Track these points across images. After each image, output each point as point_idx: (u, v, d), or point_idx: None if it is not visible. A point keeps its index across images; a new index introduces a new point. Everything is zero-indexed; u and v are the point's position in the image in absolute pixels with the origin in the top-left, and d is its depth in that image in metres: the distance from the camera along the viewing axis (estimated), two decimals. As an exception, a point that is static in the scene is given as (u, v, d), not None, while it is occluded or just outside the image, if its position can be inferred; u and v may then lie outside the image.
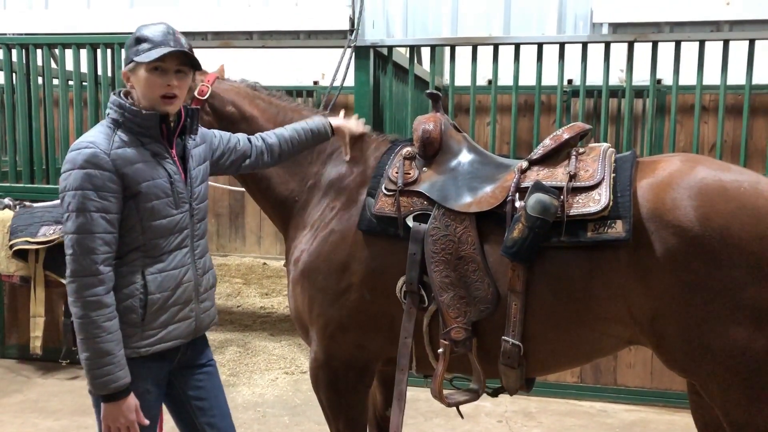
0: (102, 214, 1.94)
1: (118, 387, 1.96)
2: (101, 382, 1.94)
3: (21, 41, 4.98)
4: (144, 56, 1.99)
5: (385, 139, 2.71)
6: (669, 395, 4.24)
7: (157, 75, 2.02)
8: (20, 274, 4.61)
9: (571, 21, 4.38)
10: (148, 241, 2.04)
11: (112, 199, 1.95)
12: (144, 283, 2.02)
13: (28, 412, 4.15)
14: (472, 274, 2.26)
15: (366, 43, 4.44)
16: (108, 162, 1.95)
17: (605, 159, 2.25)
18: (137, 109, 2.02)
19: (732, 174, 2.13)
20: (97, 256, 1.93)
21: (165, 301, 2.07)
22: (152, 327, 2.06)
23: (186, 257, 2.13)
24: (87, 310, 1.92)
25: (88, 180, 1.92)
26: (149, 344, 2.06)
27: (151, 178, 2.02)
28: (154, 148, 2.06)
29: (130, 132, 2.03)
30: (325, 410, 2.58)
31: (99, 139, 1.98)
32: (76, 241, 1.93)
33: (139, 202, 2.00)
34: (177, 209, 2.09)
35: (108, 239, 1.95)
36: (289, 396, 4.46)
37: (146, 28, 2.06)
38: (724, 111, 4.24)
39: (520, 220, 2.16)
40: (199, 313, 2.19)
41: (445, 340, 2.28)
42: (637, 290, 2.11)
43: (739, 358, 2.02)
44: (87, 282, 1.92)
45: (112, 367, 1.94)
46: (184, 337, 2.15)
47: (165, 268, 2.07)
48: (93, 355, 1.93)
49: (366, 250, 2.40)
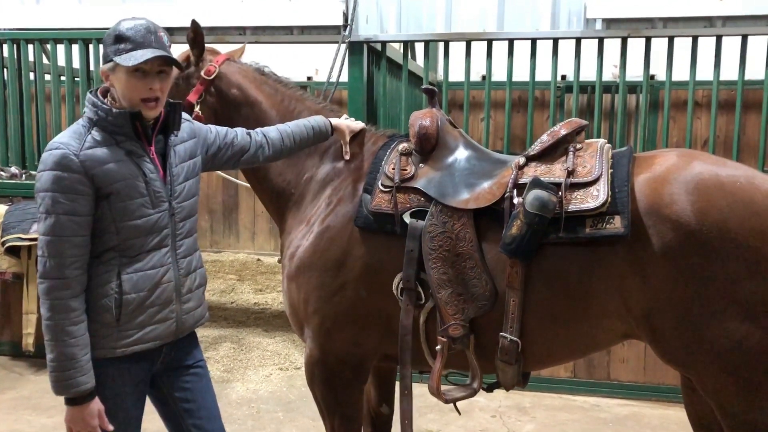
0: (70, 216, 1.90)
1: (78, 392, 1.93)
2: (62, 385, 1.93)
3: (12, 36, 4.95)
4: (124, 58, 1.92)
5: (382, 134, 2.70)
6: (662, 389, 4.26)
7: (138, 77, 1.96)
8: (12, 270, 4.60)
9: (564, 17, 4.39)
10: (123, 241, 1.99)
11: (82, 201, 1.91)
12: (119, 282, 1.99)
13: (21, 409, 4.14)
14: (469, 271, 2.25)
15: (360, 38, 4.43)
16: (77, 163, 1.90)
17: (602, 155, 2.25)
18: (108, 107, 1.97)
19: (728, 169, 2.14)
20: (64, 259, 1.90)
21: (141, 302, 2.02)
22: (129, 327, 2.02)
23: (166, 257, 2.08)
24: (53, 312, 1.90)
25: (56, 182, 1.89)
26: (125, 345, 2.02)
27: (123, 178, 1.97)
28: (128, 146, 2.00)
29: (105, 131, 1.98)
30: (321, 407, 2.57)
31: (70, 140, 1.94)
32: (46, 244, 1.91)
33: (112, 202, 1.96)
34: (154, 209, 2.03)
35: (77, 242, 1.92)
36: (283, 392, 4.46)
37: (126, 24, 1.97)
38: (717, 106, 4.25)
39: (518, 216, 2.16)
40: (180, 314, 2.14)
41: (442, 337, 2.28)
42: (634, 285, 2.11)
43: (735, 351, 2.03)
44: (54, 284, 1.90)
45: (73, 371, 1.91)
46: (164, 338, 2.10)
47: (141, 268, 2.02)
48: (56, 357, 1.91)
49: (362, 246, 2.39)
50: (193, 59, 2.72)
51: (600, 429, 3.93)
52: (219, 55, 2.75)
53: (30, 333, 4.63)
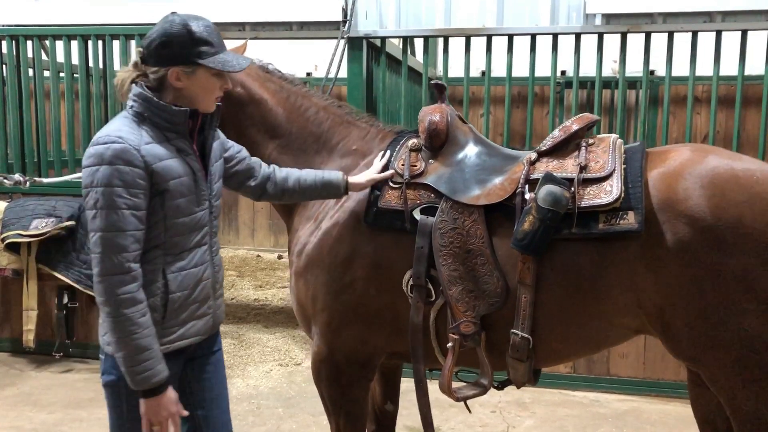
0: (132, 211, 1.89)
1: (159, 381, 1.93)
2: (142, 377, 1.91)
3: (11, 32, 4.94)
4: (213, 61, 1.94)
5: (390, 130, 2.67)
6: (661, 385, 4.26)
7: (217, 78, 2.00)
8: (12, 267, 4.59)
9: (564, 12, 4.37)
10: (170, 239, 2.00)
11: (141, 196, 1.90)
12: (165, 282, 1.99)
13: (21, 405, 4.14)
14: (480, 268, 2.24)
15: (359, 34, 4.42)
16: (138, 158, 1.89)
17: (615, 150, 2.23)
18: (165, 104, 1.96)
19: (743, 163, 2.12)
20: (128, 254, 1.89)
21: (185, 300, 2.04)
22: (172, 325, 2.03)
23: (205, 255, 2.10)
24: (121, 308, 1.88)
25: (118, 176, 1.86)
26: (169, 341, 2.03)
27: (178, 176, 1.98)
28: (178, 144, 2.01)
29: (156, 127, 1.97)
30: (326, 404, 2.55)
31: (127, 134, 1.91)
32: (106, 239, 1.87)
33: (165, 199, 1.96)
34: (198, 207, 2.05)
35: (138, 236, 1.91)
36: (283, 388, 4.47)
37: (196, 24, 1.97)
38: (717, 102, 4.25)
39: (530, 212, 2.14)
40: (215, 309, 2.17)
41: (454, 334, 2.26)
42: (648, 280, 2.10)
43: (749, 348, 2.02)
44: (119, 280, 1.88)
45: (152, 361, 1.91)
46: (203, 333, 2.13)
47: (185, 266, 2.04)
48: (131, 352, 1.89)
49: (371, 243, 2.37)
50: None
51: (599, 424, 3.94)
52: None
53: (30, 329, 4.63)
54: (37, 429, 3.83)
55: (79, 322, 4.90)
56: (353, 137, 2.64)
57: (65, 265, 4.52)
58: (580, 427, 3.89)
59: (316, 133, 2.64)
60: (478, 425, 3.91)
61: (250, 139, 2.60)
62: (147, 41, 1.99)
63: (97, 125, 4.81)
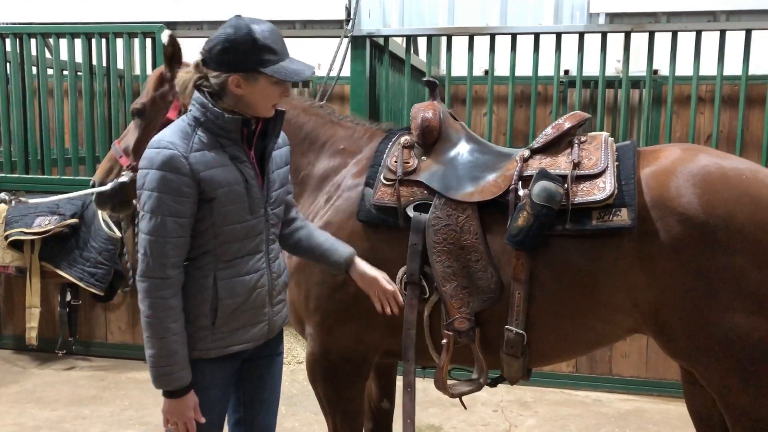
0: (175, 218, 1.89)
1: (179, 385, 1.95)
2: (164, 379, 1.95)
3: (15, 30, 4.94)
4: (275, 70, 1.91)
5: (379, 128, 2.68)
6: (664, 384, 4.26)
7: (277, 86, 1.96)
8: (15, 264, 4.61)
9: (567, 11, 4.37)
10: (220, 245, 1.98)
11: (187, 203, 1.90)
12: (215, 288, 1.98)
13: (24, 403, 4.15)
14: (474, 264, 2.24)
15: (362, 32, 4.42)
16: (185, 165, 1.88)
17: (607, 147, 2.24)
18: (219, 111, 1.93)
19: (732, 162, 2.15)
20: (166, 260, 1.90)
21: (237, 307, 2.02)
22: (223, 330, 2.02)
23: (260, 262, 2.07)
24: (154, 310, 1.90)
25: (164, 183, 1.87)
26: (219, 347, 2.02)
27: (227, 184, 1.95)
28: (232, 151, 1.98)
29: (211, 132, 1.95)
30: (323, 404, 2.56)
31: (178, 140, 1.91)
32: (149, 243, 1.89)
33: (214, 207, 1.94)
34: (252, 214, 2.02)
35: (179, 243, 1.91)
36: (285, 386, 4.47)
37: (260, 29, 1.92)
38: (721, 101, 4.24)
39: (524, 208, 2.15)
40: (272, 316, 2.13)
41: (448, 331, 2.27)
42: (641, 278, 2.11)
43: (741, 345, 2.03)
44: (155, 284, 1.90)
45: (175, 366, 1.93)
46: (256, 340, 2.11)
47: (237, 273, 2.01)
48: (158, 353, 1.92)
49: (364, 241, 2.37)
50: (169, 75, 2.57)
51: (602, 424, 3.93)
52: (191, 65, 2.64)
53: (33, 327, 4.64)
54: (40, 426, 3.84)
55: (82, 320, 4.91)
56: (339, 137, 2.63)
57: (68, 263, 4.52)
58: (582, 427, 3.89)
59: (298, 136, 2.62)
60: (480, 424, 3.91)
61: None
62: (210, 44, 1.95)
63: (100, 123, 4.81)
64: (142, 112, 2.62)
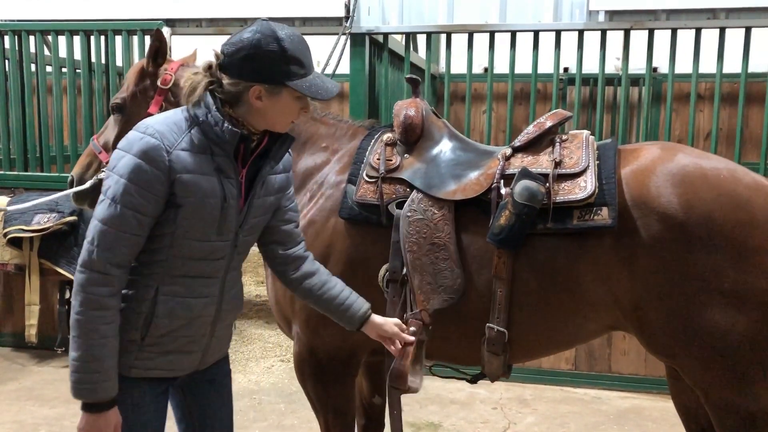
0: (135, 212, 1.70)
1: (101, 398, 1.73)
2: (84, 388, 1.72)
3: (13, 28, 4.94)
4: (304, 86, 1.75)
5: (361, 125, 2.66)
6: (663, 382, 4.24)
7: (299, 102, 1.80)
8: (15, 262, 4.60)
9: (567, 8, 4.37)
10: (174, 258, 1.79)
11: (152, 201, 1.71)
12: (154, 302, 1.79)
13: (23, 400, 4.15)
14: (441, 262, 2.25)
15: (362, 30, 4.42)
16: (164, 161, 1.70)
17: (588, 146, 2.25)
18: (221, 118, 1.75)
19: (711, 161, 2.17)
20: (112, 256, 1.70)
21: (173, 330, 1.82)
22: (152, 351, 1.82)
23: (212, 288, 1.87)
24: (86, 307, 1.70)
25: (136, 171, 1.69)
26: (141, 366, 1.82)
27: (202, 195, 1.76)
28: (221, 162, 1.79)
29: (206, 135, 1.76)
30: (313, 402, 2.56)
31: (168, 131, 1.73)
32: (100, 232, 1.70)
33: (180, 215, 1.75)
34: (219, 235, 1.82)
35: (132, 241, 1.73)
36: (284, 383, 4.47)
37: (290, 39, 1.76)
38: (720, 99, 4.24)
39: (506, 206, 2.16)
40: (208, 346, 1.93)
41: (418, 321, 2.25)
42: (622, 276, 2.12)
43: (721, 341, 2.05)
44: (95, 278, 1.70)
45: (98, 375, 1.71)
46: (185, 369, 1.91)
47: (182, 293, 1.82)
48: (82, 356, 1.70)
49: (347, 239, 2.36)
50: (152, 70, 2.54)
51: (601, 421, 3.94)
52: (172, 63, 2.61)
53: (32, 324, 4.64)
54: (39, 423, 3.84)
55: (81, 317, 4.90)
56: (322, 134, 2.62)
57: (67, 260, 4.52)
58: (581, 425, 3.90)
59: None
60: (479, 422, 3.91)
61: None
62: (231, 48, 1.76)
63: (99, 120, 4.80)
64: (122, 107, 2.57)
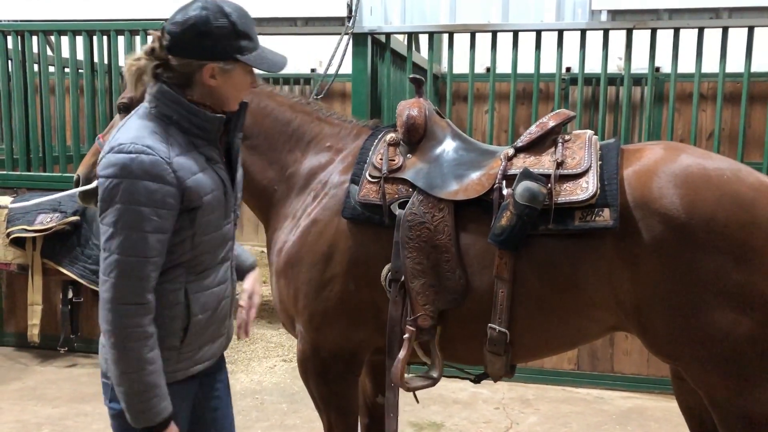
0: (158, 235, 1.64)
1: (163, 418, 1.71)
2: (146, 416, 1.69)
3: (16, 28, 4.94)
4: (256, 59, 1.72)
5: (365, 125, 2.67)
6: (665, 382, 4.25)
7: (250, 76, 1.79)
8: (18, 262, 4.61)
9: (569, 8, 4.36)
10: (196, 256, 1.78)
11: (170, 217, 1.66)
12: (187, 303, 1.77)
13: (26, 400, 4.16)
14: (444, 264, 2.25)
15: (364, 30, 4.42)
16: (170, 173, 1.64)
17: (591, 146, 2.25)
18: (196, 108, 1.71)
19: (714, 162, 2.15)
20: (146, 284, 1.64)
21: (206, 322, 1.84)
22: (189, 349, 1.82)
23: (227, 272, 1.91)
24: (129, 341, 1.64)
25: (146, 194, 1.60)
26: (185, 367, 1.83)
27: (210, 190, 1.75)
28: (207, 152, 1.77)
29: (183, 132, 1.72)
30: (316, 401, 2.57)
31: (156, 143, 1.65)
32: (123, 264, 1.61)
33: (197, 216, 1.73)
34: (226, 219, 1.84)
35: (159, 263, 1.67)
36: (287, 383, 4.48)
37: (237, 13, 1.71)
38: (723, 99, 4.23)
39: (508, 207, 2.16)
40: (229, 327, 1.99)
41: (410, 327, 2.28)
42: (624, 277, 2.12)
43: (723, 342, 2.05)
44: (131, 311, 1.63)
45: (157, 399, 1.68)
46: (217, 355, 1.95)
47: (209, 285, 1.82)
48: (136, 388, 1.66)
49: (350, 238, 2.37)
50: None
51: (603, 421, 3.93)
52: None
53: (35, 324, 4.65)
54: (42, 423, 3.85)
55: (84, 317, 4.91)
56: (326, 134, 2.62)
57: (70, 260, 4.53)
58: (583, 425, 3.89)
59: (285, 132, 2.61)
60: (482, 422, 3.91)
61: None
62: (178, 27, 1.70)
63: (102, 120, 4.81)
64: (130, 106, 2.57)
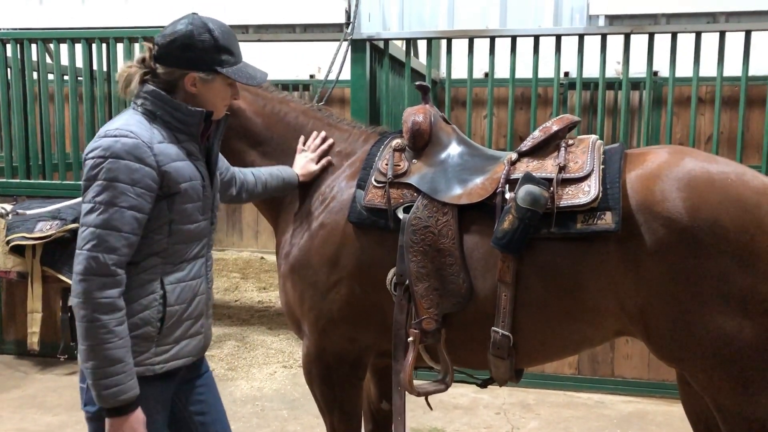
0: (134, 212, 1.77)
1: (128, 399, 1.77)
2: (110, 393, 1.75)
3: (16, 36, 4.95)
4: (235, 72, 1.92)
5: (374, 131, 2.70)
6: (666, 386, 4.25)
7: (230, 88, 1.99)
8: (17, 269, 4.60)
9: (567, 13, 4.37)
10: (172, 245, 1.89)
11: (147, 198, 1.79)
12: (163, 293, 1.88)
13: (26, 408, 4.15)
14: (448, 268, 2.26)
15: (362, 36, 4.43)
16: (150, 156, 1.79)
17: (594, 151, 2.26)
18: (179, 103, 1.89)
19: (718, 165, 2.15)
20: (118, 257, 1.76)
21: (181, 315, 1.93)
22: (166, 342, 1.91)
23: (202, 268, 2.01)
24: (98, 312, 1.73)
25: (127, 173, 1.75)
26: (163, 360, 1.90)
27: (189, 179, 1.90)
28: (189, 147, 1.93)
29: (167, 127, 1.89)
30: (320, 404, 2.58)
31: (139, 130, 1.82)
32: (98, 237, 1.74)
33: (175, 202, 1.86)
34: (203, 215, 1.98)
35: (132, 240, 1.78)
36: (287, 390, 4.47)
37: (220, 30, 1.93)
38: (721, 103, 4.24)
39: (510, 211, 2.17)
40: (207, 328, 2.08)
41: (415, 330, 2.29)
42: (627, 281, 2.12)
43: (728, 346, 2.04)
44: (102, 282, 1.74)
45: (123, 376, 1.75)
46: (195, 354, 2.02)
47: (184, 278, 1.93)
48: (102, 363, 1.73)
49: (356, 242, 2.39)
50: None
51: (604, 426, 3.93)
52: None
53: (35, 332, 4.64)
54: (42, 431, 3.84)
55: (84, 325, 4.90)
56: (336, 139, 2.68)
57: (70, 268, 4.48)
58: (584, 429, 3.89)
59: (298, 138, 2.68)
60: (483, 427, 3.90)
61: (232, 149, 2.63)
62: (166, 39, 1.91)
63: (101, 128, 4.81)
64: None
